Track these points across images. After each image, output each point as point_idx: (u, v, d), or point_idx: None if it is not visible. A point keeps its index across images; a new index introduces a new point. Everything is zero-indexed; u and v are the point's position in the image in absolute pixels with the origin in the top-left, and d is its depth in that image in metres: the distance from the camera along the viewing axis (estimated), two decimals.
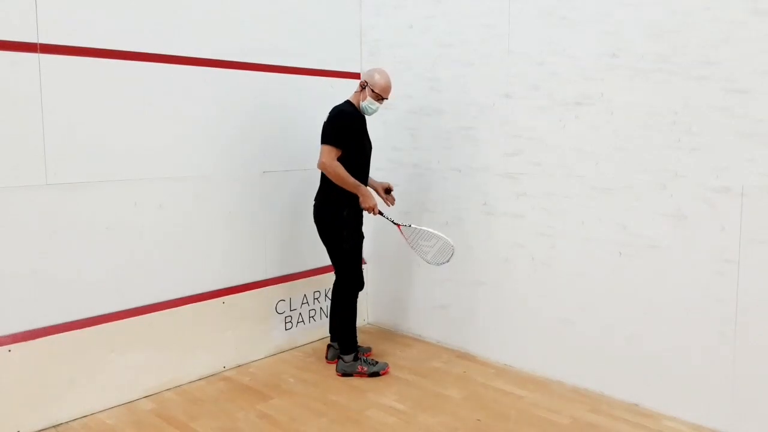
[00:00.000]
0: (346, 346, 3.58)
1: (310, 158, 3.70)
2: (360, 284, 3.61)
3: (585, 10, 3.23)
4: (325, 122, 3.42)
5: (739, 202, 2.78)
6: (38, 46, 2.83)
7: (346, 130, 3.37)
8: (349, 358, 3.55)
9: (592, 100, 3.23)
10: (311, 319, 4.16)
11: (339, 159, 3.36)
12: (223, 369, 3.65)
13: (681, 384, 3.01)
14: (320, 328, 4.16)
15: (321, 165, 3.36)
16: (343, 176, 3.33)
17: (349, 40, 4.35)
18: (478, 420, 3.03)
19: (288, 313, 4.02)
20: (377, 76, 3.43)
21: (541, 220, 3.50)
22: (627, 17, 3.08)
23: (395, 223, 3.51)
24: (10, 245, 2.80)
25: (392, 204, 3.76)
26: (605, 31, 3.16)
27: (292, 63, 3.95)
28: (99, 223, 3.09)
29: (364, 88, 3.45)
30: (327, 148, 3.34)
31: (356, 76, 4.34)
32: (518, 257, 3.62)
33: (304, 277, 4.10)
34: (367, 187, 3.53)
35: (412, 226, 3.51)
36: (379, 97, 3.44)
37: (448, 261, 3.43)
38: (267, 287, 3.89)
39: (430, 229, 3.46)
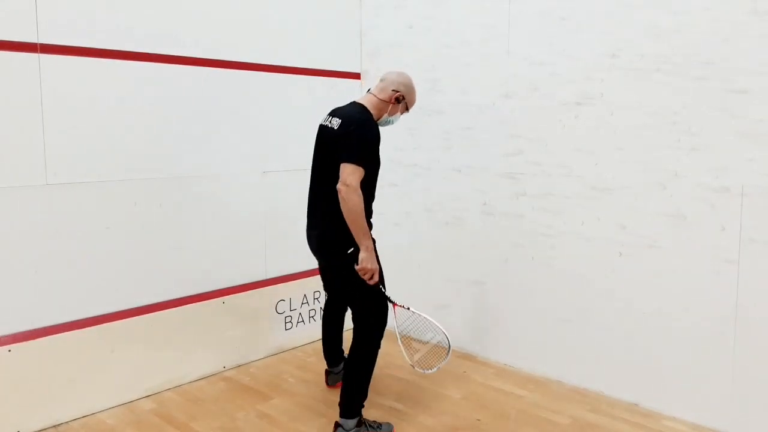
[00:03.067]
0: (352, 409, 2.79)
1: (310, 158, 3.70)
2: (385, 324, 2.87)
3: (585, 10, 3.23)
4: (344, 131, 2.70)
5: (738, 202, 2.78)
6: (38, 46, 2.83)
7: (375, 148, 2.73)
8: (351, 423, 2.77)
9: (592, 100, 3.24)
10: (311, 319, 4.16)
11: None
12: (224, 369, 3.65)
13: (681, 384, 3.01)
14: (320, 328, 4.15)
15: (344, 189, 2.57)
16: (360, 214, 2.59)
17: (349, 40, 4.35)
18: (478, 420, 3.04)
19: (288, 313, 4.02)
20: (414, 91, 2.99)
21: (540, 220, 3.50)
22: (627, 17, 3.08)
23: (391, 302, 2.83)
24: (10, 245, 2.80)
25: None
26: (605, 31, 3.16)
27: (292, 63, 3.95)
28: (99, 223, 3.09)
29: (400, 101, 2.90)
30: (352, 168, 2.58)
31: (356, 76, 4.35)
32: (518, 257, 3.62)
33: (304, 277, 4.10)
34: None
35: (411, 309, 2.88)
36: (405, 112, 3.01)
37: (437, 368, 2.81)
38: (267, 287, 3.89)
39: (431, 319, 2.84)
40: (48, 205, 2.91)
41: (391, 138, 4.24)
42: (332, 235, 2.73)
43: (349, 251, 2.67)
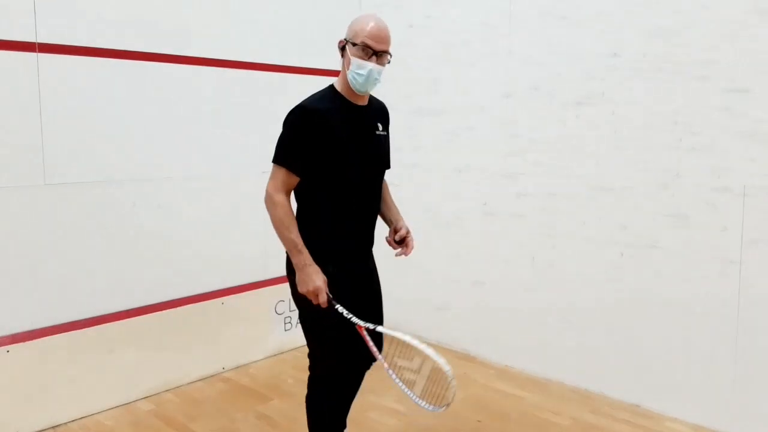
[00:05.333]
0: None
1: None
2: (337, 389, 2.27)
3: (585, 10, 3.22)
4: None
5: (740, 202, 2.77)
6: (36, 46, 2.82)
7: (304, 138, 2.09)
8: None
9: (592, 100, 3.23)
10: None
11: (304, 189, 2.17)
12: (222, 370, 3.64)
13: (682, 384, 3.00)
14: None
15: (264, 196, 2.14)
16: (279, 226, 2.12)
17: None
18: (479, 421, 3.02)
19: (287, 313, 4.01)
20: (355, 21, 2.21)
21: (541, 220, 3.49)
22: (627, 17, 3.07)
23: (353, 323, 2.13)
24: (9, 245, 2.79)
25: (403, 254, 2.45)
26: (605, 30, 3.15)
27: (292, 63, 3.94)
28: (98, 223, 3.08)
29: (344, 48, 2.19)
30: (273, 169, 2.13)
31: None
32: (518, 257, 3.61)
33: None
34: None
35: (378, 329, 2.13)
36: (367, 50, 2.12)
37: (447, 405, 2.17)
38: (266, 288, 3.87)
39: (407, 338, 2.08)
40: (47, 205, 2.90)
41: (392, 138, 4.23)
42: (287, 259, 2.24)
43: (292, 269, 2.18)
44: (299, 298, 2.19)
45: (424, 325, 4.18)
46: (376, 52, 2.13)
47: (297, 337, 4.06)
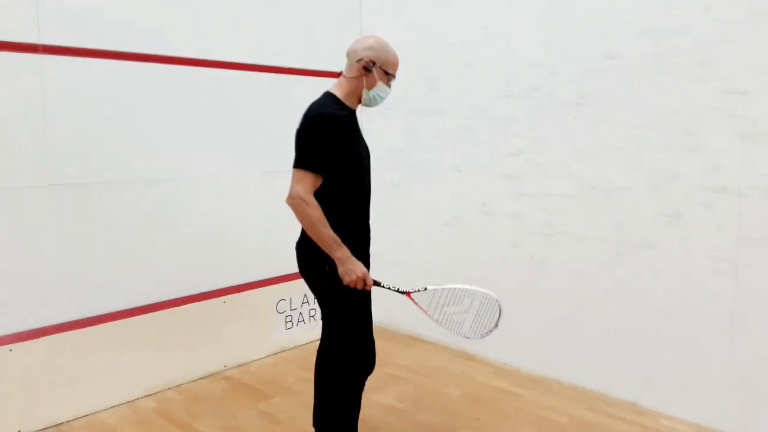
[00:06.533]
0: None
1: None
2: (361, 359, 2.47)
3: (584, 10, 3.24)
4: (297, 130, 2.32)
5: (736, 202, 2.79)
6: (40, 47, 2.84)
7: (332, 144, 2.22)
8: None
9: (591, 100, 3.25)
10: (312, 318, 4.18)
11: (320, 190, 2.25)
12: (224, 368, 3.67)
13: (679, 383, 3.03)
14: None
15: (289, 200, 2.25)
16: (317, 224, 2.20)
17: (349, 41, 4.33)
18: (478, 419, 3.05)
19: (288, 312, 4.03)
20: (384, 49, 2.38)
21: (540, 220, 3.51)
22: (626, 17, 3.09)
23: (402, 292, 2.37)
24: (10, 245, 2.81)
25: None
26: (604, 31, 3.17)
27: (292, 64, 3.96)
28: (99, 223, 3.11)
29: (370, 70, 2.33)
30: (299, 174, 2.22)
31: None
32: (517, 257, 3.63)
33: None
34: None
35: (428, 288, 2.39)
36: (391, 77, 2.41)
37: (496, 326, 2.44)
38: (267, 287, 3.90)
39: (457, 285, 2.40)
40: (50, 205, 2.92)
41: (391, 138, 4.26)
42: (304, 253, 2.37)
43: (327, 269, 2.28)
44: (327, 289, 2.34)
45: (423, 323, 4.20)
46: (392, 77, 2.43)
47: (298, 336, 4.10)
